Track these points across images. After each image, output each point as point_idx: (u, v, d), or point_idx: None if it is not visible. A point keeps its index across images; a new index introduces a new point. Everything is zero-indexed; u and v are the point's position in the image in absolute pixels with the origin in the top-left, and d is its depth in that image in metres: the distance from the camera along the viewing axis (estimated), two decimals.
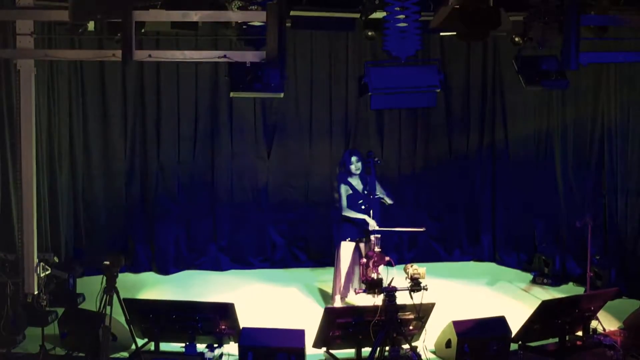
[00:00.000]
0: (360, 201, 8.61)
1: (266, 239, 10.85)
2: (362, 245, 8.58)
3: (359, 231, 8.58)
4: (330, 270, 9.06)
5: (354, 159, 8.69)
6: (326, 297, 9.33)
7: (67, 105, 10.00)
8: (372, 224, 8.44)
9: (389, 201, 8.78)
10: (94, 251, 10.09)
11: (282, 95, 8.37)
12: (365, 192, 8.63)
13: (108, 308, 7.04)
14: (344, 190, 8.64)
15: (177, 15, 7.73)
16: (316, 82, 10.83)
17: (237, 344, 7.11)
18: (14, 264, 8.20)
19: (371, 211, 8.52)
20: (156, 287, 9.83)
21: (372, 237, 8.33)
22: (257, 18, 7.66)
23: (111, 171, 10.37)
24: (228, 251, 10.73)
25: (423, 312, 7.23)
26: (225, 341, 7.33)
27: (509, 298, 9.46)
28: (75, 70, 10.03)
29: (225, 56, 7.80)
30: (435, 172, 11.21)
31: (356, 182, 8.70)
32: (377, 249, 8.17)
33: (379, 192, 8.66)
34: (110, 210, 10.39)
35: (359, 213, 8.55)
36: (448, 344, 7.34)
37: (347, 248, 8.68)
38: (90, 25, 8.03)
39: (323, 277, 10.09)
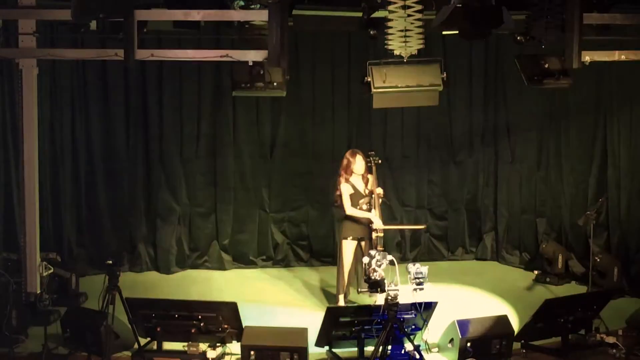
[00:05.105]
0: (362, 200, 8.59)
1: (268, 237, 10.83)
2: (363, 243, 8.56)
3: (360, 229, 8.57)
4: (333, 268, 9.06)
5: (358, 157, 8.67)
6: (328, 295, 9.33)
7: (69, 104, 10.00)
8: (377, 223, 8.41)
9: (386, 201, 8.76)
10: (96, 250, 10.11)
11: (284, 94, 8.35)
12: (367, 191, 8.62)
13: (110, 307, 7.07)
14: (346, 189, 8.61)
15: (179, 15, 7.72)
16: (318, 81, 10.79)
17: (239, 343, 7.11)
18: (17, 263, 8.22)
19: (373, 210, 8.52)
20: (158, 286, 9.83)
21: (374, 236, 8.33)
22: (259, 17, 7.64)
23: (113, 170, 10.35)
24: (230, 250, 10.72)
25: (425, 311, 7.23)
26: (227, 340, 7.33)
27: (511, 297, 9.43)
28: (77, 69, 10.01)
29: (227, 55, 7.80)
30: (438, 170, 11.19)
31: (358, 182, 8.68)
32: (379, 248, 8.15)
33: (380, 191, 8.63)
34: (113, 209, 10.37)
35: (364, 212, 8.54)
36: (451, 342, 7.35)
37: (348, 246, 8.65)
38: (93, 25, 8.02)
39: (325, 276, 10.09)
